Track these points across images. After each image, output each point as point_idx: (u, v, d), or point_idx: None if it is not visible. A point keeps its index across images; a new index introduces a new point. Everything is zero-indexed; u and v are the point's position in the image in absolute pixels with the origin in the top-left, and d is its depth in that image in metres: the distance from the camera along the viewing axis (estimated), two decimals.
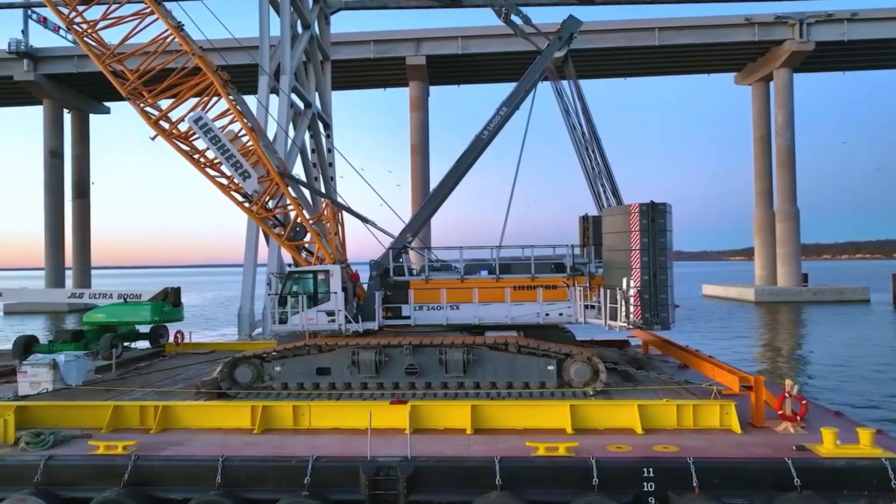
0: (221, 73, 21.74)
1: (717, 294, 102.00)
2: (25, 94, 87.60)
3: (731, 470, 12.72)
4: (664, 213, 18.38)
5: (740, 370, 16.64)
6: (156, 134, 20.74)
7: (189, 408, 16.26)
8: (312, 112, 44.12)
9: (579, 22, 21.46)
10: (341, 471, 13.20)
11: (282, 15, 38.51)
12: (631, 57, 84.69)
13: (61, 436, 14.85)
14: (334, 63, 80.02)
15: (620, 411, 15.52)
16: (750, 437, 14.48)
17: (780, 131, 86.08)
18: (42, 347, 25.50)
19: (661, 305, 18.28)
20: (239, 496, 13.06)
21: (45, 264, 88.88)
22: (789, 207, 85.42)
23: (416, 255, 31.35)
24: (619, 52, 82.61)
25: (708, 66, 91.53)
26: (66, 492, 13.43)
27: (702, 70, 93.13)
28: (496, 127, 20.88)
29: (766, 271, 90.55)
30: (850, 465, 12.62)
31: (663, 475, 12.73)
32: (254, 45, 38.36)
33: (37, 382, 19.39)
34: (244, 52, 34.70)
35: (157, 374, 21.97)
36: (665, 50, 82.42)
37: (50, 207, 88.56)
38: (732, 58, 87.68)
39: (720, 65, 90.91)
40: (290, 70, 37.74)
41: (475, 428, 15.32)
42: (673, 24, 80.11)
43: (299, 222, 21.19)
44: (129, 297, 27.12)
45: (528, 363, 18.02)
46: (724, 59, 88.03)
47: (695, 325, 62.92)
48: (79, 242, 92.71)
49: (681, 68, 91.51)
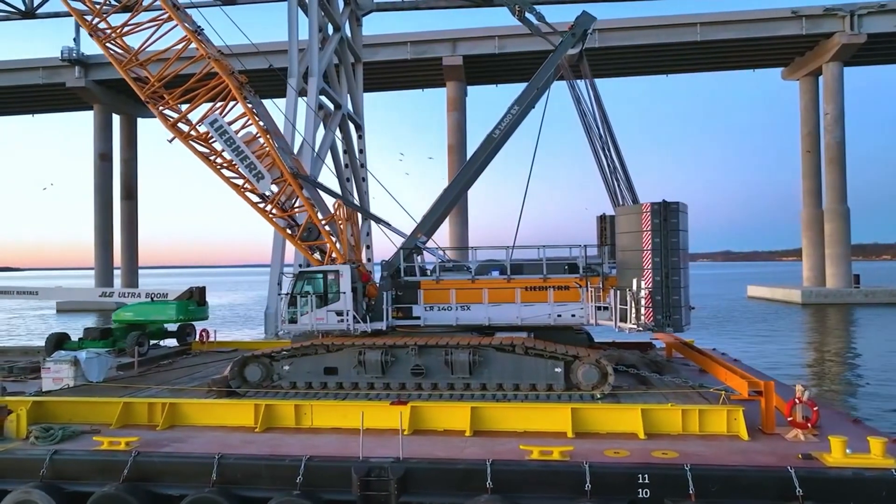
0: (239, 76, 22.09)
1: (762, 295, 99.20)
2: (77, 100, 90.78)
3: (729, 478, 12.26)
4: (677, 212, 17.91)
5: (751, 374, 16.10)
6: (173, 137, 21.17)
7: (195, 405, 16.52)
8: (342, 113, 44.49)
9: (593, 18, 21.03)
10: (333, 471, 13.20)
11: (310, 17, 38.93)
12: (672, 53, 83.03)
13: (70, 431, 15.26)
14: (373, 65, 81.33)
15: (623, 415, 15.16)
16: (756, 444, 13.97)
17: (829, 127, 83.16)
18: (72, 345, 26.31)
19: (673, 307, 17.86)
20: (233, 494, 13.19)
21: (95, 264, 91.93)
22: (838, 206, 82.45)
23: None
24: (658, 49, 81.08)
25: (753, 62, 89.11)
26: (69, 486, 13.77)
27: (747, 65, 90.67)
28: (508, 126, 20.66)
29: (815, 272, 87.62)
30: (857, 475, 12.04)
31: (659, 482, 12.36)
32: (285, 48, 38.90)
33: (59, 378, 19.99)
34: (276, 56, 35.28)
35: (176, 372, 22.45)
36: (708, 45, 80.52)
37: (99, 209, 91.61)
38: (779, 52, 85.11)
39: (766, 60, 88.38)
40: (317, 72, 38.12)
41: (475, 430, 15.16)
42: (715, 19, 78.29)
43: (311, 223, 21.35)
44: (155, 297, 27.83)
45: (534, 365, 17.78)
46: (770, 54, 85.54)
47: (736, 327, 61.35)
48: (126, 243, 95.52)
49: (725, 64, 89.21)
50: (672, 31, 79.01)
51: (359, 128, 48.95)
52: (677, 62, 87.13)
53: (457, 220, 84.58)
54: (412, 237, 20.91)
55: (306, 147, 35.47)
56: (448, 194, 21.20)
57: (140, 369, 22.96)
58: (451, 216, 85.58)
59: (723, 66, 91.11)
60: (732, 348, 41.87)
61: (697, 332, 55.06)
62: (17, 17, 65.88)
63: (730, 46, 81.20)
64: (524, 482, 12.69)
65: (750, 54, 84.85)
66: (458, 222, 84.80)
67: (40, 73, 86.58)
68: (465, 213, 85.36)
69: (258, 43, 63.74)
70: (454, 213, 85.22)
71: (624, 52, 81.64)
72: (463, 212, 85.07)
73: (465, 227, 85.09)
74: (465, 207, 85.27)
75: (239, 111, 21.41)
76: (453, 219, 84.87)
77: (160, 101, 21.35)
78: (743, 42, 79.98)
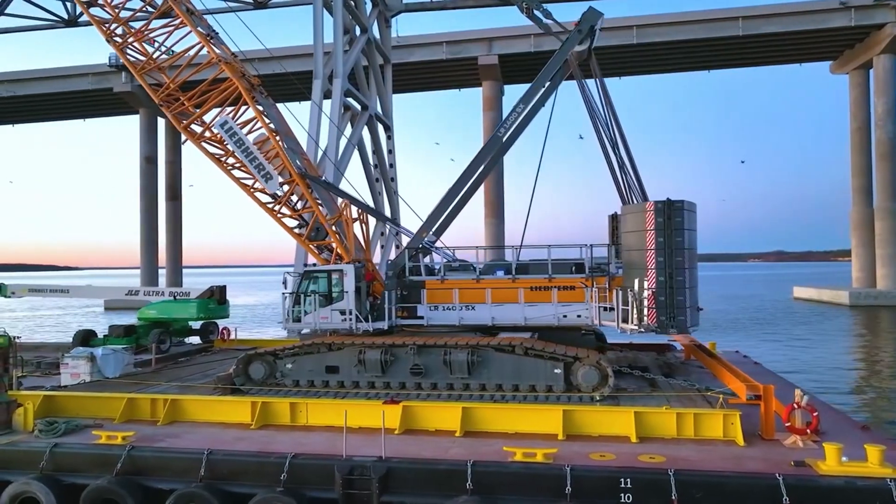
0: (251, 78, 22.46)
1: (808, 297, 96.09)
2: (123, 104, 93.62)
3: (714, 484, 11.90)
4: (681, 210, 17.50)
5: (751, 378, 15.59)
6: (186, 139, 21.63)
7: (196, 402, 16.85)
8: (369, 114, 44.79)
9: (599, 14, 20.64)
10: (317, 469, 13.30)
11: (334, 19, 39.31)
12: (712, 48, 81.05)
13: (73, 425, 15.74)
14: (408, 65, 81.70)
15: (616, 418, 14.88)
16: (751, 450, 13.52)
17: (880, 122, 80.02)
18: (98, 341, 27.12)
19: (677, 308, 17.43)
20: (219, 489, 13.41)
21: (141, 263, 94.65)
22: (890, 204, 79.20)
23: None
24: (698, 44, 79.24)
25: (799, 56, 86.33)
26: (67, 478, 14.21)
27: (793, 59, 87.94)
28: (513, 125, 20.47)
29: (865, 273, 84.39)
30: (849, 484, 11.54)
31: (642, 486, 12.09)
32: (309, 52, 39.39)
33: (76, 374, 20.66)
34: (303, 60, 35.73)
35: (190, 369, 22.96)
36: (750, 40, 78.41)
37: (145, 210, 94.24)
38: (827, 45, 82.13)
39: (813, 53, 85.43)
40: (341, 74, 38.47)
41: (465, 430, 15.08)
42: (758, 13, 76.04)
43: (319, 222, 21.55)
44: (178, 295, 28.49)
45: (534, 366, 17.57)
46: (817, 47, 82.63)
47: (776, 328, 59.59)
48: (171, 242, 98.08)
49: (769, 58, 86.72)
50: (711, 26, 77.12)
51: (387, 128, 49.23)
52: (718, 57, 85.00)
53: (492, 221, 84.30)
54: (417, 237, 20.91)
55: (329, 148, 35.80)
56: (452, 194, 21.08)
57: (157, 366, 23.54)
58: (486, 216, 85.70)
59: (768, 61, 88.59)
60: (766, 351, 40.80)
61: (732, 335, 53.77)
62: (60, 25, 68.45)
63: (774, 40, 78.84)
64: (505, 484, 12.57)
65: (796, 48, 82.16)
66: (495, 223, 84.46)
67: (89, 78, 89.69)
68: (500, 213, 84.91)
69: (291, 46, 64.53)
70: (489, 214, 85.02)
71: (660, 49, 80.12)
72: (499, 212, 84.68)
73: (501, 227, 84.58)
74: (500, 207, 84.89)
75: (250, 114, 21.78)
76: (489, 219, 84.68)
77: (174, 103, 21.83)
78: (788, 35, 77.50)
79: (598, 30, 20.74)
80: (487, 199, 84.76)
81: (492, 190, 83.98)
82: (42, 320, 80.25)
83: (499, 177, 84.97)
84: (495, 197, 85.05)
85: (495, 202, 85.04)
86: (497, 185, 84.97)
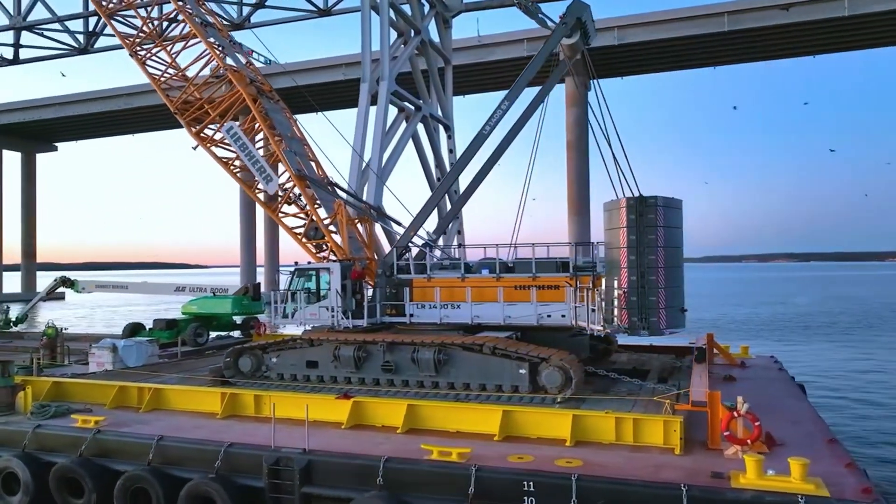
0: (263, 85, 23.57)
1: None
2: None
3: (615, 492, 11.42)
4: (654, 207, 16.77)
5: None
6: (196, 144, 23.00)
7: (175, 391, 17.98)
8: (423, 114, 45.29)
9: (585, 5, 20.02)
10: (248, 458, 13.89)
11: (381, 21, 39.98)
12: (815, 32, 75.48)
13: (64, 408, 17.22)
14: (488, 65, 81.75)
15: (554, 420, 14.51)
16: (682, 459, 12.80)
17: None
18: (144, 333, 29.29)
19: (650, 308, 16.72)
20: (163, 472, 14.31)
21: (240, 262, 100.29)
22: None
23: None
24: (797, 28, 74.06)
25: None
26: (45, 457, 15.60)
27: None
28: (498, 122, 20.26)
29: None
30: (756, 498, 10.74)
31: (545, 490, 11.80)
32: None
33: (101, 363, 22.49)
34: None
35: (205, 361, 24.29)
36: (857, 21, 72.42)
37: (244, 210, 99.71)
38: None
39: None
40: (387, 76, 39.14)
41: (409, 427, 15.21)
42: None
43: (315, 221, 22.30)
44: (217, 292, 30.23)
45: (500, 366, 17.38)
46: None
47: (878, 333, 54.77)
48: (269, 242, 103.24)
49: (880, 40, 79.70)
50: (812, 8, 71.90)
51: (447, 129, 49.53)
52: (822, 42, 79.06)
53: (576, 219, 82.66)
54: (405, 236, 21.16)
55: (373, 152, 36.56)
56: (438, 193, 21.16)
57: (179, 358, 25.14)
58: (570, 214, 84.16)
59: (878, 43, 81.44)
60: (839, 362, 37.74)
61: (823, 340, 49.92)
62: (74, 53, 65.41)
63: (884, 20, 72.41)
64: (413, 481, 12.64)
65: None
66: (579, 220, 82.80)
67: None
68: (586, 210, 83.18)
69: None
70: (573, 212, 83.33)
71: (757, 35, 75.58)
72: (584, 210, 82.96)
73: (586, 224, 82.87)
74: (585, 206, 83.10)
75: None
76: (573, 217, 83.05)
77: (188, 111, 23.24)
78: None
79: (589, 25, 20.11)
80: (571, 197, 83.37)
81: (575, 189, 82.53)
82: (130, 312, 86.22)
83: (583, 175, 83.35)
84: (579, 196, 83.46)
85: (579, 200, 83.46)
86: (580, 183, 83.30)
